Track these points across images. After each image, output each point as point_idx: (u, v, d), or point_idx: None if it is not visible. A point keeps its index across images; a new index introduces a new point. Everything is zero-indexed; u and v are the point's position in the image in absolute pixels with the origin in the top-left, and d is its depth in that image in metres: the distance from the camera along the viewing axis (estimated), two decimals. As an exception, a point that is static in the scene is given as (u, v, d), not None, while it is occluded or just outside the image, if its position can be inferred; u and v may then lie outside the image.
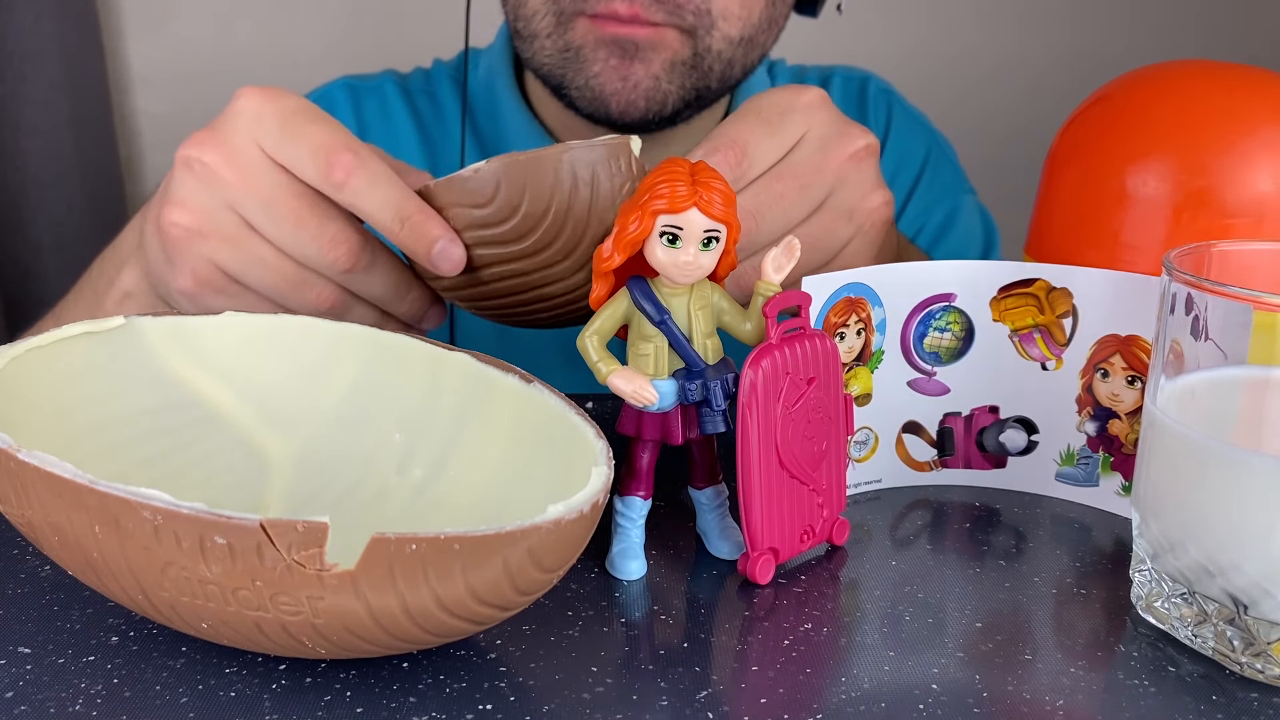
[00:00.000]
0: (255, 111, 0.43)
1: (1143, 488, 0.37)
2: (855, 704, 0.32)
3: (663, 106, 0.63)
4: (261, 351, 0.43)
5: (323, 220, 0.43)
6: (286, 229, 0.43)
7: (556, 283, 0.44)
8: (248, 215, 0.44)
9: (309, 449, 0.42)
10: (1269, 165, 0.42)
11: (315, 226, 0.43)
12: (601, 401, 0.53)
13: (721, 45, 0.62)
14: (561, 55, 0.63)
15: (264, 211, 0.43)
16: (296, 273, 0.45)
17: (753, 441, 0.37)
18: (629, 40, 0.60)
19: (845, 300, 0.42)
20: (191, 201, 0.44)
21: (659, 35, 0.61)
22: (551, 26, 0.62)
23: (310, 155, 0.42)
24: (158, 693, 0.32)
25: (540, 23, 0.62)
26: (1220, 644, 0.35)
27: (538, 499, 0.32)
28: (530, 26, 0.63)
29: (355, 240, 0.44)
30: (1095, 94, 0.48)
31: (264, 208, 0.43)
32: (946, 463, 0.47)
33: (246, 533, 0.27)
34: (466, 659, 0.34)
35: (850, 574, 0.40)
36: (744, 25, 0.62)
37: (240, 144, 0.43)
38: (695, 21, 0.60)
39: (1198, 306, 0.34)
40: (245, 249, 0.44)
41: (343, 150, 0.42)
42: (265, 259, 0.44)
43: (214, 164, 0.43)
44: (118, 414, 0.40)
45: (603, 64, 0.61)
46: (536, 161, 0.41)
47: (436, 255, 0.42)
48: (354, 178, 0.42)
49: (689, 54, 0.62)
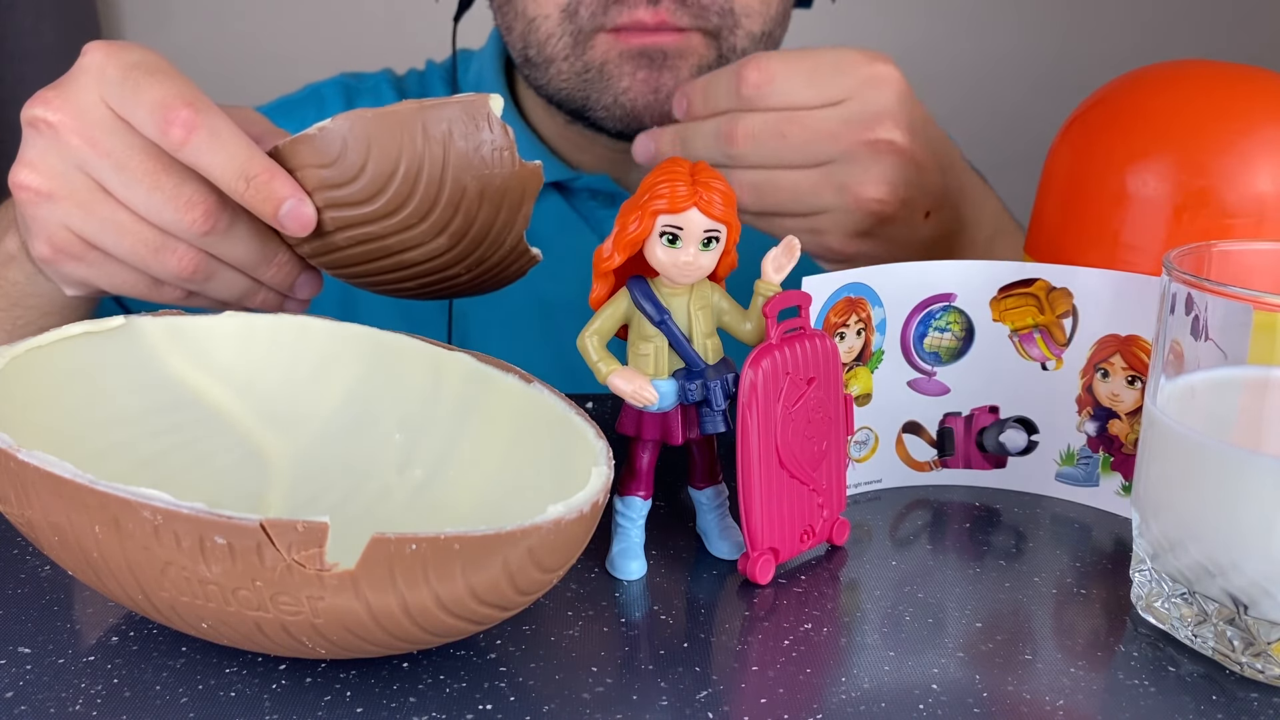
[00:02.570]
0: (99, 66, 0.41)
1: (1143, 488, 0.37)
2: (855, 704, 0.32)
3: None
4: (261, 351, 0.43)
5: (179, 181, 0.42)
6: (140, 191, 0.41)
7: (416, 248, 0.43)
8: (100, 177, 0.42)
9: (309, 449, 0.42)
10: (1269, 165, 0.42)
11: (171, 188, 0.41)
12: (601, 401, 0.53)
13: (746, 44, 0.61)
14: (581, 77, 0.61)
15: (116, 174, 0.41)
16: (156, 237, 0.43)
17: (753, 441, 0.37)
18: (656, 50, 0.59)
19: (845, 300, 0.42)
20: (40, 163, 0.42)
21: (685, 41, 0.60)
22: (569, 48, 0.60)
23: (149, 112, 0.40)
24: (158, 693, 0.32)
25: (556, 46, 0.61)
26: (1220, 644, 0.35)
27: (538, 499, 0.32)
28: (545, 52, 0.61)
29: (212, 201, 0.42)
30: (1095, 94, 0.48)
31: (116, 170, 0.41)
32: (946, 463, 0.47)
33: (246, 533, 0.27)
34: (466, 659, 0.34)
35: (850, 574, 0.40)
36: (765, 20, 0.62)
37: (86, 101, 0.41)
38: (720, 22, 0.60)
39: (1198, 306, 0.34)
40: (100, 213, 0.42)
41: (181, 105, 0.40)
42: (122, 223, 0.42)
43: (60, 124, 0.41)
44: (118, 414, 0.40)
45: (630, 78, 0.60)
46: (384, 118, 0.40)
47: (284, 216, 0.41)
48: (194, 135, 0.40)
49: (714, 57, 0.61)
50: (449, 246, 0.43)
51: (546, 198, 0.70)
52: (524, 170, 0.42)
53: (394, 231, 0.42)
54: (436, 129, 0.40)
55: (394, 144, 0.40)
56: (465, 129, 0.40)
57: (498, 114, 0.41)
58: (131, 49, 0.42)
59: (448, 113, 0.40)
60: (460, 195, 0.41)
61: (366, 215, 0.41)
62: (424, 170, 0.40)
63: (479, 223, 0.42)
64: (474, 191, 0.41)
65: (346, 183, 0.41)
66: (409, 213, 0.41)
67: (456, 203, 0.42)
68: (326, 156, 0.41)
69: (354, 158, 0.40)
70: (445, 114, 0.40)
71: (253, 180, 0.40)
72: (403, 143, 0.40)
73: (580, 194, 0.70)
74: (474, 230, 0.43)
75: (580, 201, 0.70)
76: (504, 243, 0.44)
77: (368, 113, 0.40)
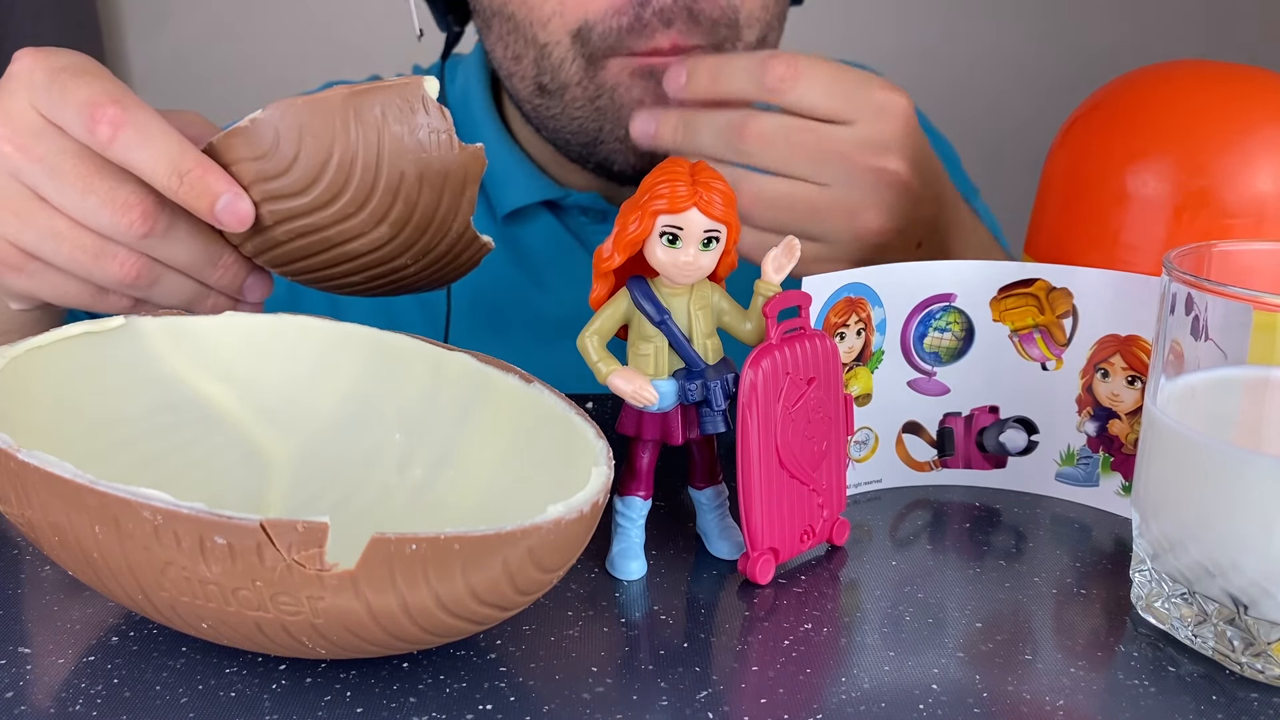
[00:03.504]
0: (28, 71, 0.41)
1: (1143, 488, 0.37)
2: (855, 704, 0.32)
3: None
4: (261, 351, 0.43)
5: (113, 184, 0.41)
6: (74, 196, 0.41)
7: (357, 238, 0.42)
8: (34, 185, 0.41)
9: (309, 449, 0.42)
10: (1269, 165, 0.42)
11: (105, 191, 0.41)
12: (601, 401, 0.53)
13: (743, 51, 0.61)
14: (594, 105, 0.60)
15: (49, 180, 0.41)
16: (95, 243, 0.42)
17: (753, 441, 0.37)
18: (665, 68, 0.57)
19: (845, 300, 0.42)
20: None
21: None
22: (581, 71, 0.59)
23: (75, 112, 0.40)
24: (158, 693, 0.32)
25: (569, 71, 0.59)
26: (1220, 644, 0.35)
27: (538, 499, 0.32)
28: (559, 78, 0.60)
29: (149, 202, 0.41)
30: (1095, 94, 0.48)
31: (48, 175, 0.41)
32: (946, 463, 0.47)
33: (246, 533, 0.27)
34: (466, 659, 0.34)
35: (850, 574, 0.40)
36: (762, 25, 0.61)
37: (15, 108, 0.41)
38: (726, 34, 0.59)
39: (1198, 306, 0.34)
40: (36, 221, 0.42)
41: (108, 103, 0.39)
42: (59, 231, 0.42)
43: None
44: (117, 414, 0.40)
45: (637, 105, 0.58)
46: (315, 105, 0.39)
47: (220, 211, 0.40)
48: (122, 131, 0.39)
49: None
50: (391, 235, 0.42)
51: (538, 217, 0.69)
52: (464, 153, 0.41)
53: (333, 222, 0.41)
54: (369, 114, 0.39)
55: (326, 131, 0.39)
56: (399, 113, 0.40)
57: (433, 96, 0.40)
58: (60, 54, 0.42)
59: (380, 97, 0.39)
60: (398, 181, 0.40)
61: (304, 206, 0.41)
62: (358, 157, 0.40)
63: (420, 209, 0.42)
64: (412, 177, 0.41)
65: (281, 174, 0.40)
66: (346, 201, 0.41)
67: (395, 189, 0.41)
68: (259, 148, 0.40)
69: (287, 148, 0.39)
70: (377, 99, 0.39)
71: (185, 176, 0.40)
72: (335, 130, 0.39)
73: (571, 211, 0.69)
74: (416, 217, 0.42)
75: (572, 219, 0.70)
76: (449, 230, 0.43)
77: (298, 101, 0.39)
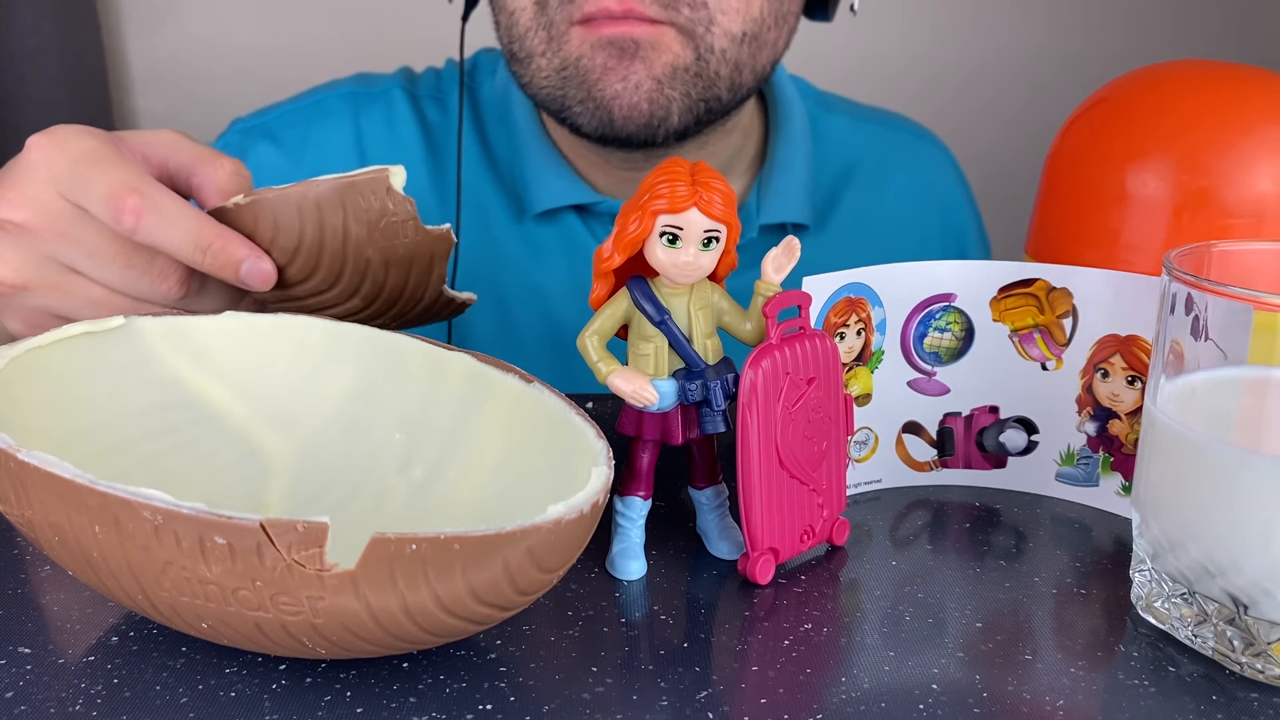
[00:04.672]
0: (46, 161, 0.43)
1: (1143, 488, 0.37)
2: (855, 704, 0.32)
3: (667, 114, 0.61)
4: (261, 352, 0.43)
5: (149, 258, 0.44)
6: (115, 270, 0.44)
7: (333, 307, 0.45)
8: (72, 264, 0.44)
9: (309, 449, 0.42)
10: (1269, 165, 0.42)
11: (142, 264, 0.44)
12: (601, 401, 0.53)
13: (724, 43, 0.60)
14: (560, 74, 0.61)
15: (88, 259, 0.44)
16: (130, 305, 0.45)
17: (753, 441, 0.37)
18: (626, 39, 0.59)
19: (845, 300, 0.42)
20: (12, 259, 0.44)
21: (657, 33, 0.59)
22: (545, 44, 0.60)
23: (100, 204, 0.42)
24: (158, 693, 0.32)
25: (533, 41, 0.60)
26: (1220, 644, 0.35)
27: (538, 499, 0.32)
28: (525, 47, 0.61)
29: (183, 270, 0.45)
30: (1095, 94, 0.48)
31: (87, 256, 0.44)
32: (946, 463, 0.47)
33: (246, 533, 0.27)
34: (466, 659, 0.34)
35: (850, 574, 0.40)
36: (745, 19, 0.60)
37: (44, 197, 0.43)
38: (692, 16, 0.58)
39: (1198, 306, 0.34)
40: (76, 293, 0.45)
41: (127, 194, 0.42)
42: (96, 299, 0.45)
43: (26, 221, 0.43)
44: (118, 414, 0.40)
45: (601, 69, 0.59)
46: (282, 198, 0.42)
47: (245, 275, 0.43)
48: (144, 219, 0.42)
49: (691, 59, 0.60)
50: (364, 306, 0.45)
51: (564, 219, 0.69)
52: (429, 237, 0.43)
53: (309, 295, 0.44)
54: (330, 208, 0.42)
55: (293, 222, 0.42)
56: (363, 204, 0.42)
57: (398, 187, 0.42)
58: (71, 138, 0.44)
59: (343, 193, 0.41)
60: (365, 266, 0.43)
61: (284, 282, 0.44)
62: (325, 245, 0.42)
63: (389, 287, 0.44)
64: (378, 262, 0.43)
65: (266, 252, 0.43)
66: (318, 281, 0.43)
67: (363, 271, 0.43)
68: (245, 228, 0.43)
69: (265, 231, 0.42)
70: (336, 193, 0.41)
71: (209, 250, 0.43)
72: (302, 220, 0.42)
73: (602, 217, 0.69)
74: (385, 293, 0.45)
75: (601, 225, 0.69)
76: (421, 299, 0.46)
77: (270, 192, 0.42)
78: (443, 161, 0.72)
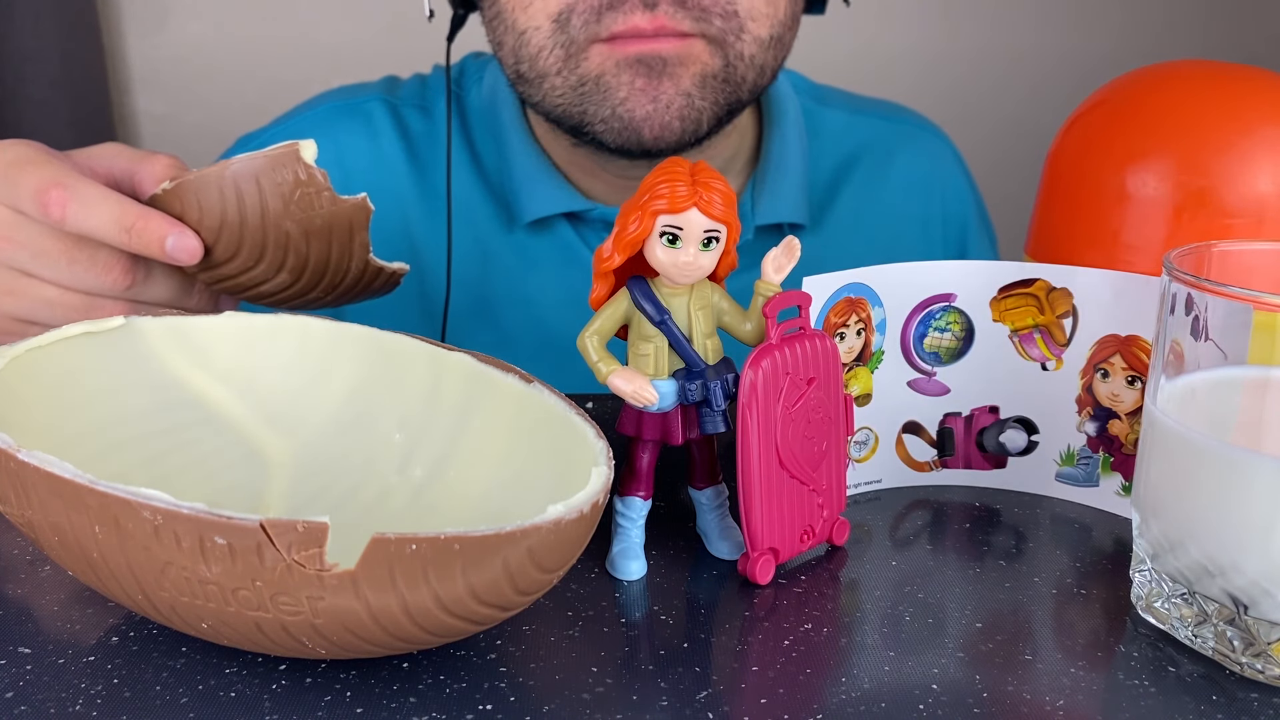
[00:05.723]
0: None
1: (1143, 488, 0.37)
2: (855, 704, 0.32)
3: (698, 126, 0.59)
4: (261, 352, 0.43)
5: (91, 251, 0.46)
6: (63, 267, 0.46)
7: (264, 283, 0.46)
8: (21, 266, 0.46)
9: (309, 449, 0.42)
10: (1269, 165, 0.42)
11: (86, 259, 0.45)
12: (601, 401, 0.53)
13: (753, 49, 0.58)
14: (577, 91, 0.58)
15: (35, 259, 0.46)
16: (83, 301, 0.47)
17: (753, 441, 0.37)
18: (655, 56, 0.56)
19: (845, 300, 0.42)
20: None
21: (686, 47, 0.57)
22: (561, 62, 0.57)
23: (30, 202, 0.44)
24: (158, 693, 0.32)
25: (548, 60, 0.58)
26: (1220, 644, 0.35)
27: (538, 499, 0.32)
28: (536, 67, 0.59)
29: (126, 259, 0.46)
30: (1095, 94, 0.48)
31: (34, 256, 0.46)
32: (946, 463, 0.47)
33: (246, 533, 0.27)
34: (466, 659, 0.34)
35: (850, 574, 0.40)
36: (773, 24, 0.59)
37: None
38: (723, 26, 0.56)
39: (1198, 306, 0.34)
40: (28, 295, 0.47)
41: (51, 187, 0.44)
42: (50, 299, 0.47)
43: None
44: (118, 414, 0.40)
45: (628, 88, 0.57)
46: (202, 180, 0.43)
47: (171, 250, 0.44)
48: (69, 209, 0.44)
49: (719, 65, 0.58)
50: (293, 281, 0.46)
51: (556, 227, 0.67)
52: (345, 206, 0.45)
53: (241, 271, 0.45)
54: (246, 185, 0.43)
55: (213, 202, 0.44)
56: (277, 178, 0.43)
57: (309, 159, 0.43)
58: (5, 149, 0.46)
59: (253, 168, 0.43)
60: (285, 239, 0.44)
61: (211, 262, 0.45)
62: (245, 221, 0.44)
63: (313, 258, 0.45)
64: (298, 234, 0.44)
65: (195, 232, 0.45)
66: (243, 258, 0.45)
67: (284, 245, 0.45)
68: (174, 211, 0.44)
69: (191, 212, 0.44)
70: (251, 170, 0.43)
71: (131, 229, 0.44)
72: (222, 200, 0.43)
73: (594, 225, 0.68)
74: (311, 265, 0.46)
75: (594, 232, 0.68)
76: (348, 270, 0.47)
77: (192, 174, 0.44)
78: (428, 172, 0.71)
